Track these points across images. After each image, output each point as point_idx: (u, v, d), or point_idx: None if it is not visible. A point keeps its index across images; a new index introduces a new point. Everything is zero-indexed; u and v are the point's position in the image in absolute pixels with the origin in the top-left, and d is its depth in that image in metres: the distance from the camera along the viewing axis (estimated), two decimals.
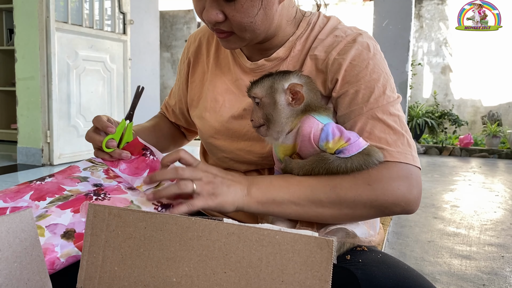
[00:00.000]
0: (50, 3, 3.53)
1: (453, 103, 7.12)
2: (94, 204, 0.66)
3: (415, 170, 0.78)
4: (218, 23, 0.80)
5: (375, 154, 0.75)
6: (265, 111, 0.77)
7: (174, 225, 0.63)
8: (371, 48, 0.83)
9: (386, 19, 4.06)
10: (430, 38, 7.27)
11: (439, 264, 2.02)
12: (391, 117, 0.79)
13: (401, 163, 0.76)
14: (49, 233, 0.72)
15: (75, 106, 3.89)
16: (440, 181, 4.02)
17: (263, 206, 0.76)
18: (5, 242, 0.65)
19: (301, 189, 0.76)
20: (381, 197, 0.75)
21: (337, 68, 0.82)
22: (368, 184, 0.75)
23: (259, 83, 0.78)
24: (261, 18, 0.80)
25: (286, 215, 0.78)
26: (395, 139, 0.78)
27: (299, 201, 0.76)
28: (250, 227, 0.58)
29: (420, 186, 0.78)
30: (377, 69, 0.82)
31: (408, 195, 0.75)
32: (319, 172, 0.76)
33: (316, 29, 0.89)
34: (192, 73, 1.04)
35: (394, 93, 0.82)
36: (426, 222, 2.70)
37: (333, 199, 0.75)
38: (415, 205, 0.77)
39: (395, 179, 0.75)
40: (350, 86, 0.81)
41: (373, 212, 0.77)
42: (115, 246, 0.66)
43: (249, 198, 0.76)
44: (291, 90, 0.76)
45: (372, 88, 0.80)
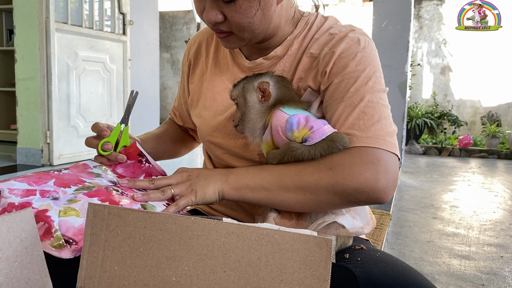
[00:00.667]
0: (50, 3, 3.53)
1: (452, 104, 7.13)
2: (94, 203, 0.67)
3: (386, 155, 0.75)
4: (218, 24, 0.82)
5: (339, 140, 0.76)
6: (241, 110, 0.84)
7: (174, 225, 0.63)
8: (361, 42, 0.85)
9: (385, 19, 4.07)
10: (430, 38, 7.27)
11: (438, 264, 2.02)
12: (369, 104, 0.80)
13: (369, 147, 0.75)
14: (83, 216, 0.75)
15: (75, 107, 3.89)
16: (440, 182, 4.02)
17: (238, 191, 0.82)
18: (6, 241, 0.65)
19: (271, 174, 0.80)
20: (342, 181, 0.74)
21: (327, 61, 0.84)
22: (329, 168, 0.76)
23: (236, 86, 0.86)
24: (259, 18, 0.81)
25: (258, 200, 0.81)
26: (368, 125, 0.78)
27: (268, 186, 0.79)
28: (249, 227, 0.59)
29: (393, 174, 0.75)
30: (364, 61, 0.83)
31: (373, 181, 0.73)
32: (287, 160, 0.79)
33: (313, 28, 0.91)
34: (192, 74, 1.06)
35: (379, 84, 0.83)
36: (425, 222, 2.70)
37: (297, 183, 0.77)
38: (383, 193, 0.74)
39: (358, 164, 0.74)
40: (335, 77, 0.83)
41: (337, 198, 0.76)
42: (115, 245, 0.66)
43: (227, 185, 0.82)
44: (260, 88, 0.82)
45: (355, 78, 0.81)
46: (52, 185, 0.79)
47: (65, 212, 0.73)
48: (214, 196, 0.82)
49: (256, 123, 0.83)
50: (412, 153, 5.97)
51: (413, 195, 3.43)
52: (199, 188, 0.82)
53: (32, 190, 0.76)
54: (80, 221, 0.73)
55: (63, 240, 0.71)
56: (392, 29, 4.08)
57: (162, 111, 8.06)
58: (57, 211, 0.73)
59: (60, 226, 0.71)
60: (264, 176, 0.81)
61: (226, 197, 0.82)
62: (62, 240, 0.71)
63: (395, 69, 4.13)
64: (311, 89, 0.88)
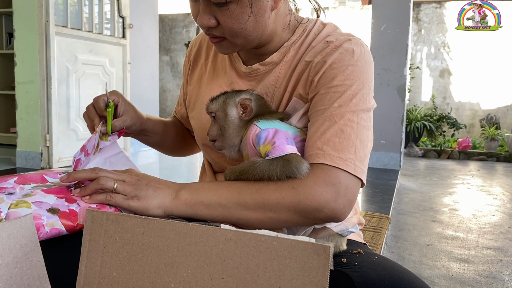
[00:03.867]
0: (49, 7, 3.54)
1: (451, 106, 7.14)
2: (92, 210, 0.67)
3: (349, 178, 0.77)
4: (211, 28, 0.83)
5: (295, 163, 0.76)
6: (219, 124, 0.84)
7: (172, 231, 0.64)
8: (355, 54, 0.84)
9: (384, 23, 4.08)
10: (429, 41, 7.29)
11: (438, 267, 2.03)
12: (349, 123, 0.80)
13: (336, 168, 0.76)
14: (35, 207, 0.75)
15: (75, 110, 3.90)
16: (439, 184, 4.02)
17: (191, 208, 0.78)
18: (6, 247, 0.65)
19: (229, 190, 0.78)
20: (304, 201, 0.75)
21: (318, 70, 0.84)
22: (292, 187, 0.76)
23: (215, 100, 0.86)
24: (252, 24, 0.81)
25: (213, 218, 0.79)
26: (343, 146, 0.78)
27: (225, 203, 0.77)
28: (247, 233, 0.59)
29: (351, 197, 0.77)
30: (354, 75, 0.82)
31: (332, 203, 0.75)
32: (247, 174, 0.78)
33: (310, 36, 0.91)
34: (190, 75, 1.07)
35: (364, 103, 0.82)
36: (424, 225, 2.70)
37: (257, 201, 0.76)
38: (340, 214, 0.76)
39: (320, 184, 0.75)
40: (322, 87, 0.83)
41: (297, 217, 0.77)
42: (113, 251, 0.67)
43: (177, 201, 0.78)
44: (241, 104, 0.83)
45: (340, 93, 0.81)
46: (11, 182, 0.80)
47: (16, 205, 0.74)
48: (157, 211, 0.78)
49: (234, 138, 0.84)
50: (411, 156, 5.97)
51: (412, 198, 3.44)
52: (144, 196, 0.77)
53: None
54: (29, 211, 0.73)
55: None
56: (391, 32, 4.09)
57: (161, 114, 8.06)
58: (8, 204, 0.74)
59: (7, 216, 0.72)
60: (221, 192, 0.78)
61: (176, 213, 0.79)
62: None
63: (394, 72, 4.14)
64: (298, 97, 0.88)
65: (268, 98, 0.91)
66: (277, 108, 0.90)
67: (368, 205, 2.83)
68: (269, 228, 0.79)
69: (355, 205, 0.91)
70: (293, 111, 0.88)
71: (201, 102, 0.99)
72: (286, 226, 0.81)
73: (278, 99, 0.90)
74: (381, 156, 4.26)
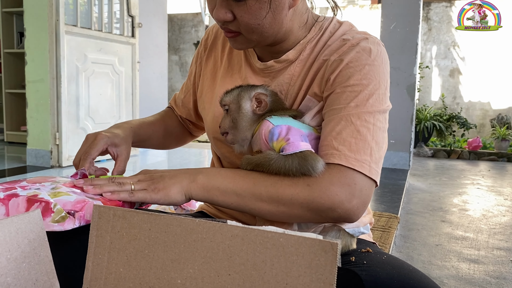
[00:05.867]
0: (59, 6, 3.56)
1: (461, 106, 7.08)
2: (99, 205, 0.67)
3: (364, 180, 0.77)
4: (227, 22, 0.82)
5: (311, 161, 0.75)
6: (232, 117, 0.84)
7: (178, 227, 0.63)
8: (372, 53, 0.83)
9: (394, 22, 4.05)
10: (439, 40, 7.23)
11: (447, 268, 2.01)
12: (365, 124, 0.79)
13: (351, 169, 0.76)
14: (74, 194, 0.75)
15: (84, 109, 3.92)
16: (449, 185, 3.99)
17: (208, 192, 0.79)
18: (14, 242, 0.65)
19: (245, 180, 0.79)
20: (318, 199, 0.75)
21: (334, 68, 0.83)
22: (307, 184, 0.75)
23: (230, 92, 0.86)
24: (269, 21, 0.81)
25: (227, 205, 0.80)
26: (359, 147, 0.77)
27: (240, 192, 0.78)
28: (254, 229, 0.59)
29: (366, 198, 0.77)
30: (370, 75, 0.81)
31: (346, 203, 0.75)
32: (262, 167, 0.78)
33: (326, 34, 0.90)
34: (205, 65, 1.05)
35: (380, 103, 0.81)
36: (434, 225, 2.68)
37: (271, 194, 0.76)
38: (353, 215, 0.76)
39: (335, 184, 0.75)
40: (338, 86, 0.82)
41: (309, 214, 0.77)
42: (120, 247, 0.67)
43: (195, 184, 0.80)
44: (256, 98, 0.83)
45: (357, 92, 0.80)
46: (26, 183, 0.80)
47: (54, 195, 0.74)
48: (180, 196, 0.79)
49: (246, 132, 0.83)
50: (420, 155, 5.93)
51: (422, 198, 3.41)
52: (162, 186, 0.79)
53: (10, 187, 0.77)
54: (74, 197, 0.73)
55: (65, 212, 0.71)
56: (400, 31, 4.06)
57: None
58: (47, 194, 0.74)
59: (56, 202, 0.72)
60: (237, 181, 0.79)
61: (194, 197, 0.80)
62: (64, 212, 0.71)
63: (404, 71, 4.11)
64: (313, 95, 0.87)
65: (282, 96, 0.90)
66: (291, 107, 0.90)
67: (377, 204, 2.81)
68: (280, 221, 0.80)
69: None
70: (306, 109, 0.88)
71: (215, 96, 0.98)
72: (298, 221, 0.81)
73: (292, 97, 0.90)
74: (390, 155, 4.23)
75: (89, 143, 0.92)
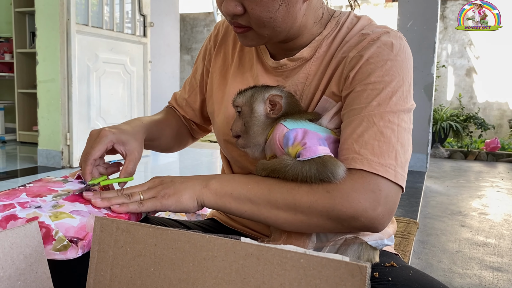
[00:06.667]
0: (71, 5, 3.54)
1: (478, 106, 6.93)
2: (101, 217, 0.62)
3: (389, 186, 0.70)
4: (236, 16, 0.76)
5: (330, 166, 0.69)
6: (244, 120, 0.79)
7: (187, 243, 0.58)
8: (394, 48, 0.76)
9: (411, 19, 3.96)
10: (454, 39, 7.09)
11: (469, 276, 1.92)
12: (389, 125, 0.72)
13: (375, 175, 0.69)
14: (78, 215, 0.70)
15: (95, 109, 3.90)
16: (466, 187, 3.88)
17: (220, 198, 0.75)
18: (8, 258, 0.60)
19: (259, 186, 0.74)
20: (339, 207, 0.68)
21: (353, 65, 0.77)
22: (326, 191, 0.69)
23: (243, 93, 0.80)
24: (282, 15, 0.75)
25: (241, 212, 0.75)
26: (383, 150, 0.71)
27: (255, 199, 0.73)
28: (271, 248, 0.52)
29: (392, 206, 0.70)
30: (393, 71, 0.75)
31: (370, 211, 0.68)
32: (278, 174, 0.73)
33: (343, 29, 0.84)
34: (214, 62, 0.99)
35: (404, 101, 0.75)
36: (453, 230, 2.59)
37: (288, 201, 0.71)
38: (378, 224, 0.70)
39: (358, 191, 0.68)
40: (358, 84, 0.75)
41: (329, 223, 0.70)
42: (123, 264, 0.61)
43: (207, 190, 0.76)
44: (270, 100, 0.77)
45: (379, 90, 0.74)
46: (25, 197, 0.74)
47: (56, 216, 0.68)
48: (192, 202, 0.75)
49: (259, 137, 0.78)
50: (436, 157, 5.81)
51: (439, 201, 3.31)
52: (173, 192, 0.75)
53: (9, 204, 0.71)
54: (77, 221, 0.68)
55: (67, 241, 0.65)
56: (417, 30, 3.97)
57: None
58: (47, 216, 0.68)
59: (58, 228, 0.66)
60: (251, 187, 0.74)
61: (207, 203, 0.76)
62: (66, 240, 0.65)
63: (421, 70, 4.01)
64: (330, 95, 0.81)
65: (297, 97, 0.84)
66: (307, 108, 0.83)
67: None
68: (298, 231, 0.75)
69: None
70: (323, 111, 0.81)
71: (226, 95, 0.92)
72: (317, 231, 0.75)
73: (308, 98, 0.83)
74: None
75: (91, 141, 0.83)
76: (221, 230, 1.02)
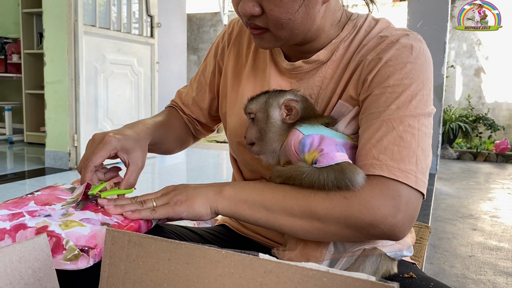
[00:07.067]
0: (78, 6, 3.53)
1: (487, 107, 6.86)
2: (112, 230, 0.59)
3: (410, 192, 0.67)
4: (254, 17, 0.74)
5: (349, 173, 0.67)
6: (259, 126, 0.77)
7: (202, 258, 0.55)
8: (414, 51, 0.74)
9: (420, 19, 3.91)
10: (463, 39, 7.02)
11: (483, 282, 1.88)
12: (409, 129, 0.70)
13: (395, 181, 0.67)
14: (88, 224, 0.68)
15: (103, 110, 3.89)
16: (476, 189, 3.83)
17: (234, 205, 0.73)
18: (16, 273, 0.58)
19: (274, 193, 0.72)
20: (357, 214, 0.66)
21: (371, 68, 0.75)
22: (344, 197, 0.67)
23: (255, 99, 0.78)
24: (302, 16, 0.72)
25: (255, 220, 0.73)
26: (403, 155, 0.68)
27: (270, 206, 0.72)
28: (292, 266, 0.50)
29: (412, 213, 0.68)
30: (413, 74, 0.72)
31: (390, 218, 0.66)
32: (294, 181, 0.71)
33: (361, 33, 0.81)
34: (227, 60, 0.96)
35: (424, 105, 0.72)
36: (464, 234, 2.55)
37: (304, 208, 0.69)
38: (399, 232, 0.67)
39: (377, 197, 0.66)
40: (377, 87, 0.73)
41: (347, 231, 0.68)
42: (135, 279, 0.59)
43: (220, 196, 0.74)
44: (286, 105, 0.75)
45: (398, 94, 0.71)
46: (34, 205, 0.72)
47: (66, 225, 0.66)
48: (205, 209, 0.73)
49: (275, 143, 0.76)
50: (445, 158, 5.75)
51: (450, 204, 3.27)
52: (185, 198, 0.74)
53: (17, 213, 0.69)
54: (88, 229, 0.66)
55: (78, 250, 0.63)
56: (427, 30, 3.92)
57: None
58: (57, 225, 0.66)
59: (68, 237, 0.64)
60: (266, 193, 0.73)
61: (220, 211, 0.74)
62: (76, 250, 0.63)
63: None
64: (348, 99, 0.78)
65: (312, 101, 0.81)
66: (323, 112, 0.81)
67: None
68: (314, 239, 0.72)
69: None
70: (339, 115, 0.79)
71: (240, 97, 0.90)
72: (334, 239, 0.72)
73: (324, 102, 0.81)
74: None
75: (93, 146, 0.79)
76: (233, 237, 1.00)
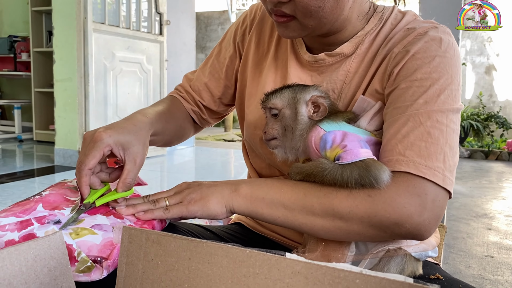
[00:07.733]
0: (87, 4, 3.52)
1: (498, 105, 6.78)
2: (129, 227, 0.57)
3: (437, 190, 0.65)
4: (281, 4, 0.70)
5: (374, 171, 0.64)
6: (284, 123, 0.73)
7: (225, 258, 0.52)
8: (443, 44, 0.71)
9: (433, 15, 3.85)
10: (474, 36, 6.94)
11: (501, 283, 1.84)
12: (437, 125, 0.67)
13: (421, 178, 0.64)
14: (100, 231, 0.65)
15: (112, 108, 3.88)
16: (489, 188, 3.78)
17: (251, 203, 0.70)
18: (32, 272, 0.55)
19: (294, 191, 0.69)
20: (381, 212, 0.63)
21: (398, 60, 0.72)
22: (368, 195, 0.64)
23: (278, 94, 0.74)
24: (331, 4, 0.69)
25: (274, 219, 0.70)
26: (430, 152, 0.65)
27: (289, 204, 0.68)
28: (321, 266, 0.47)
29: (439, 212, 0.65)
30: (441, 68, 0.69)
31: (416, 217, 0.63)
32: (315, 178, 0.68)
33: (387, 25, 0.78)
34: (248, 46, 0.92)
35: (453, 100, 0.69)
36: (479, 233, 2.51)
37: (325, 207, 0.66)
38: (425, 231, 0.64)
39: (403, 194, 0.63)
40: (403, 80, 0.70)
41: (371, 230, 0.65)
42: (154, 279, 0.56)
43: (236, 194, 0.71)
44: (313, 101, 0.72)
45: (426, 88, 0.68)
46: (42, 209, 0.69)
47: (77, 234, 0.64)
48: (220, 208, 0.70)
49: (299, 141, 0.73)
50: None
51: (463, 203, 3.22)
52: (200, 197, 0.71)
53: (26, 220, 0.66)
54: (100, 237, 0.64)
55: (91, 261, 0.61)
56: None
57: None
58: (68, 234, 0.63)
59: (80, 248, 0.62)
60: (285, 191, 0.69)
61: (236, 209, 0.70)
62: (89, 261, 0.61)
63: None
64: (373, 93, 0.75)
65: (335, 95, 0.78)
66: (346, 108, 0.78)
67: None
68: (336, 239, 0.69)
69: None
70: (360, 111, 0.75)
71: (261, 88, 0.86)
72: (357, 239, 0.69)
73: (347, 97, 0.78)
74: None
75: (84, 147, 0.71)
76: (249, 236, 0.97)
